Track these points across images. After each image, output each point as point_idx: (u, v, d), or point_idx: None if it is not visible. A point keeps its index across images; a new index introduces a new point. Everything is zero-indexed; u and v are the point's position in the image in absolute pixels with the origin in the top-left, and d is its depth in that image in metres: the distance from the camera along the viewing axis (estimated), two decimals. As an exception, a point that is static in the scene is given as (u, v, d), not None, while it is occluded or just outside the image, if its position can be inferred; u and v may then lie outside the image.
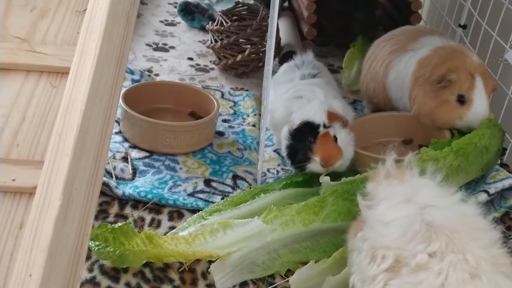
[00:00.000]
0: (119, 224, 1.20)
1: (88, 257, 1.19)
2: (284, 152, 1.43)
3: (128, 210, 1.36)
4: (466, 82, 1.45)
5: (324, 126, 1.36)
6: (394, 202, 0.99)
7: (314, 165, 1.36)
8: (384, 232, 0.95)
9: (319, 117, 1.36)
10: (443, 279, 0.84)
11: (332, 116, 1.37)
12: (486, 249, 0.89)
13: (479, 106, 1.45)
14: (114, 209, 1.35)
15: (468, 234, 0.90)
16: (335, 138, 1.37)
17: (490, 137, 1.44)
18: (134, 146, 1.57)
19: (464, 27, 1.89)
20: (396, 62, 1.64)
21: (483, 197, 1.38)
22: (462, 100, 1.46)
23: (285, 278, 1.23)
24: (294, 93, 1.49)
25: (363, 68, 1.78)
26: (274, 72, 1.64)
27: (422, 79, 1.53)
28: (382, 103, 1.72)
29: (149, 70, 2.00)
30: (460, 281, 0.83)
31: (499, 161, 1.54)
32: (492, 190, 1.39)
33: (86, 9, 0.98)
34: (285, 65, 1.73)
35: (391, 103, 1.69)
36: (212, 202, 1.39)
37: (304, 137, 1.37)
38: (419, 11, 2.09)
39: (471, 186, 1.46)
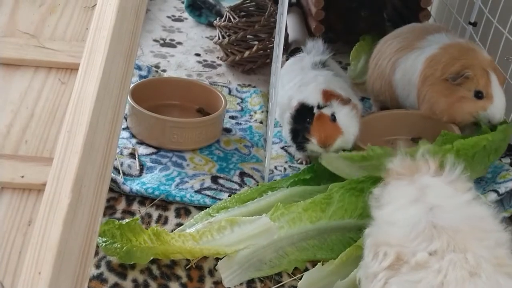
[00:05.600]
0: (127, 220, 1.20)
1: (95, 253, 1.19)
2: (288, 137, 1.46)
3: (135, 207, 1.36)
4: (482, 78, 1.46)
5: (319, 107, 1.38)
6: (402, 203, 0.98)
7: (313, 146, 1.39)
8: (389, 231, 0.95)
9: (313, 98, 1.39)
10: (442, 277, 0.84)
11: (328, 95, 1.39)
12: (490, 249, 0.88)
13: (499, 100, 1.47)
14: (121, 205, 1.35)
15: (472, 235, 0.90)
16: (333, 117, 1.39)
17: (501, 140, 1.44)
18: (141, 142, 1.57)
19: (474, 24, 1.87)
20: (403, 60, 1.63)
21: (492, 196, 1.37)
22: (480, 96, 1.47)
23: (292, 277, 1.22)
24: (296, 84, 1.52)
25: (370, 66, 1.77)
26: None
27: (432, 78, 1.52)
28: (389, 101, 1.71)
29: (157, 66, 2.00)
30: (460, 279, 0.83)
31: (509, 161, 1.53)
32: (502, 189, 1.38)
33: (95, 5, 0.98)
34: (292, 58, 1.73)
35: (397, 101, 1.68)
36: (219, 199, 1.38)
37: (303, 119, 1.40)
38: (429, 8, 2.07)
39: (481, 185, 1.45)
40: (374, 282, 0.91)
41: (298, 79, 1.58)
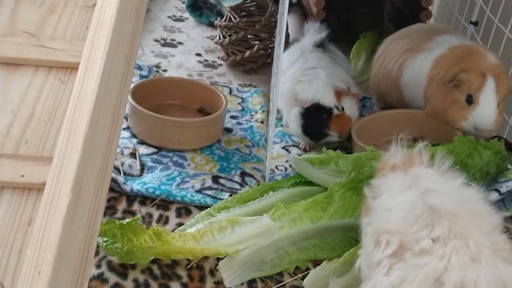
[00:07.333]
0: (127, 220, 1.19)
1: (96, 253, 1.19)
2: (299, 131, 1.61)
3: (136, 206, 1.35)
4: (476, 82, 1.43)
5: (337, 108, 1.56)
6: (397, 190, 1.02)
7: (333, 138, 1.59)
8: (387, 217, 0.98)
9: (329, 99, 1.55)
10: (446, 262, 0.87)
11: (339, 94, 1.57)
12: (487, 235, 0.92)
13: (485, 106, 1.42)
14: (122, 205, 1.35)
15: (469, 220, 0.93)
16: (343, 109, 1.57)
17: (470, 157, 1.38)
18: (142, 142, 1.57)
19: (475, 24, 1.87)
20: (410, 62, 1.61)
21: (494, 196, 1.37)
22: (470, 100, 1.44)
23: (293, 276, 1.22)
24: (298, 78, 1.63)
25: (374, 65, 1.76)
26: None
27: (437, 78, 1.51)
28: (395, 102, 1.70)
29: (157, 66, 2.00)
30: (462, 264, 0.87)
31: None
32: (503, 189, 1.38)
33: (95, 4, 0.98)
34: (288, 50, 1.79)
35: (404, 102, 1.67)
36: (220, 199, 1.38)
37: (316, 115, 1.56)
38: (430, 8, 2.07)
39: (482, 185, 1.44)
40: (378, 270, 0.93)
41: (298, 65, 1.66)
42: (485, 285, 0.84)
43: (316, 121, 1.56)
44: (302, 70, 1.64)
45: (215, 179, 1.47)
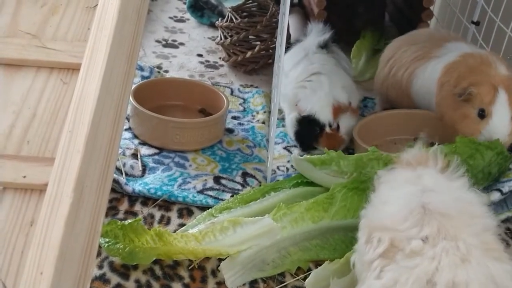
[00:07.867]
0: (129, 221, 1.20)
1: (98, 254, 1.19)
2: (292, 136, 1.63)
3: (138, 207, 1.35)
4: (487, 96, 1.40)
5: (330, 125, 1.55)
6: (396, 184, 1.03)
7: (319, 152, 1.54)
8: (382, 210, 0.99)
9: (325, 115, 1.54)
10: (437, 263, 0.89)
11: (337, 110, 1.55)
12: (477, 235, 0.93)
13: (498, 120, 1.40)
14: (124, 206, 1.35)
15: (460, 220, 0.94)
16: (338, 127, 1.56)
17: (472, 158, 1.38)
18: (143, 143, 1.57)
19: (477, 23, 1.86)
20: (421, 70, 1.60)
21: (496, 195, 1.36)
22: (482, 114, 1.41)
23: (295, 277, 1.22)
24: (301, 82, 1.62)
25: (381, 69, 1.73)
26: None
27: (448, 85, 1.48)
28: (405, 107, 1.69)
29: (159, 67, 2.00)
30: (452, 265, 0.88)
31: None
32: (505, 188, 1.37)
33: (96, 5, 0.98)
34: (293, 47, 1.80)
35: (415, 108, 1.66)
36: (222, 200, 1.38)
37: (310, 127, 1.56)
38: (431, 8, 2.07)
39: (484, 186, 1.44)
40: (370, 272, 0.93)
41: (302, 67, 1.66)
42: (477, 284, 0.85)
43: (308, 131, 1.57)
44: (306, 73, 1.63)
45: (217, 179, 1.47)
